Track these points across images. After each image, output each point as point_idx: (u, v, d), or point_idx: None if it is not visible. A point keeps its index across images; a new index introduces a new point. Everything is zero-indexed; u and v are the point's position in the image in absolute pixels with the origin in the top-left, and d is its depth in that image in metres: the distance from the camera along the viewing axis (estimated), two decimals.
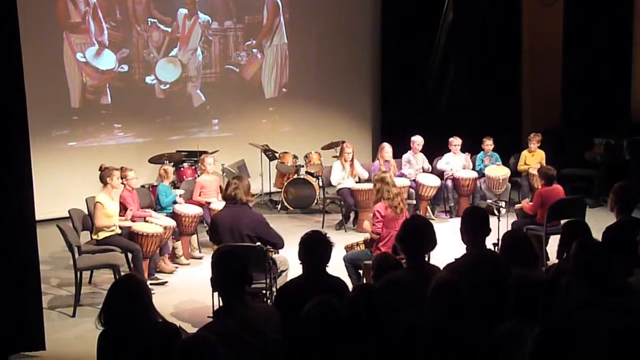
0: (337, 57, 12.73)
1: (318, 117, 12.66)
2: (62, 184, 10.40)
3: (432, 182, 10.26)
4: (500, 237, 4.99)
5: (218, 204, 8.47)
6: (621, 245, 4.65)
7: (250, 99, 12.29)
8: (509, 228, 7.30)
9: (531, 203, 8.32)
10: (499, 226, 6.83)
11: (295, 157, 11.20)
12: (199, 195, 9.07)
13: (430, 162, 10.70)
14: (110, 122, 11.40)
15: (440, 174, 10.57)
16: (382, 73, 13.17)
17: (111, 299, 3.71)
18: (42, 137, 10.23)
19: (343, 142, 10.63)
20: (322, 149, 11.23)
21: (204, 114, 12.00)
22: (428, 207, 10.44)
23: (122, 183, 7.85)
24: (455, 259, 4.55)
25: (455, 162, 10.64)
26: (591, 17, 11.59)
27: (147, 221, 7.96)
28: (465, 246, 4.65)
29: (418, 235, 4.56)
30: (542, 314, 3.44)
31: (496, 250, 5.70)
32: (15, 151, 5.77)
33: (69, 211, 7.84)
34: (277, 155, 11.20)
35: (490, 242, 5.00)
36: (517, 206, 8.77)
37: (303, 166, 11.09)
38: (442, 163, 10.71)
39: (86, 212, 8.07)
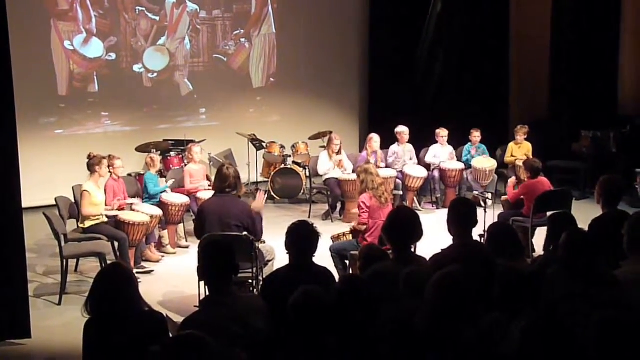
0: (325, 47, 12.70)
1: (306, 107, 12.63)
2: (49, 172, 10.35)
3: (418, 173, 10.25)
4: (487, 229, 4.99)
5: (204, 194, 8.46)
6: (607, 238, 4.66)
7: (238, 89, 12.25)
8: (496, 220, 7.30)
9: (515, 190, 8.33)
10: (485, 218, 6.86)
11: (282, 147, 11.16)
12: (190, 183, 9.04)
13: (418, 153, 10.69)
14: (98, 110, 11.36)
15: (427, 165, 10.57)
16: (370, 63, 13.12)
17: (97, 287, 3.69)
18: (29, 124, 10.21)
19: (330, 132, 10.64)
20: (310, 139, 11.20)
21: (191, 103, 11.96)
22: (415, 198, 10.45)
23: (109, 172, 7.83)
24: (442, 250, 4.56)
25: (442, 154, 10.63)
26: (579, 8, 11.55)
27: (132, 209, 7.91)
28: (451, 237, 4.64)
29: (404, 226, 4.56)
30: (528, 306, 3.43)
31: (482, 241, 5.74)
32: (1, 138, 5.74)
33: (55, 199, 7.79)
34: (264, 145, 11.16)
35: (476, 233, 5.01)
36: (504, 198, 8.81)
37: (290, 156, 11.06)
38: (429, 156, 10.71)
39: (73, 200, 8.02)
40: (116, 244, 7.44)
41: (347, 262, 6.77)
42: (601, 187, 5.45)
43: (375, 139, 10.24)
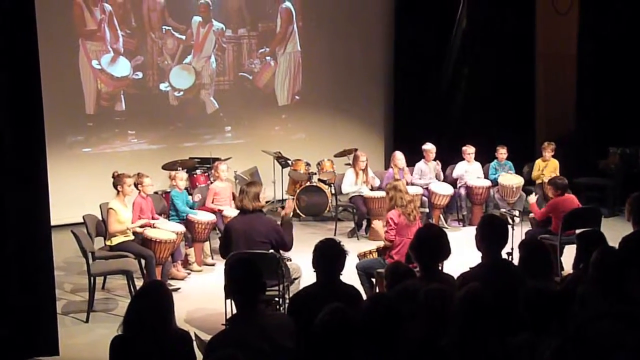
0: (350, 65, 12.69)
1: (331, 125, 12.61)
2: (76, 190, 10.38)
3: (445, 190, 10.17)
4: (515, 247, 4.92)
5: (231, 211, 8.41)
6: (638, 256, 4.59)
7: (263, 107, 12.27)
8: (523, 237, 7.16)
9: (540, 208, 8.23)
10: (513, 235, 6.76)
11: (307, 164, 11.10)
12: (212, 202, 9.00)
13: (444, 170, 10.61)
14: (125, 128, 11.39)
15: (453, 182, 10.47)
16: (395, 80, 13.08)
17: (139, 304, 3.69)
18: (58, 143, 10.23)
19: (356, 149, 10.58)
20: (335, 156, 11.13)
21: (217, 121, 11.97)
22: (441, 216, 10.35)
23: (138, 189, 7.84)
24: (470, 269, 4.50)
25: (469, 171, 10.56)
26: (606, 25, 11.45)
27: (154, 227, 7.88)
28: (479, 255, 4.58)
29: (432, 243, 4.53)
30: (558, 326, 3.37)
31: (510, 259, 5.65)
32: (31, 157, 5.76)
33: (83, 217, 7.82)
34: (289, 162, 11.11)
35: (504, 251, 4.93)
36: (531, 215, 8.68)
37: (315, 173, 10.98)
38: (456, 171, 10.62)
39: (100, 218, 8.04)
40: (143, 261, 7.41)
41: (374, 280, 6.72)
42: (632, 204, 5.38)
43: (398, 157, 10.21)
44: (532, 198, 8.65)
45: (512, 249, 5.84)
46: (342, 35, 12.61)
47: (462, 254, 5.51)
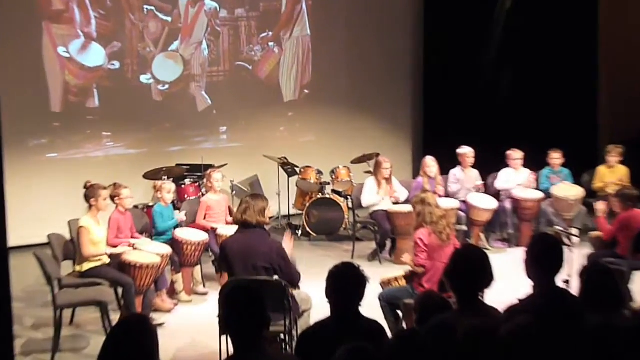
0: (370, 53, 12.65)
1: (347, 125, 12.58)
2: (40, 204, 10.41)
3: (486, 204, 10.08)
4: (574, 273, 4.85)
5: (226, 229, 8.36)
6: None
7: (265, 103, 12.26)
8: (584, 261, 7.07)
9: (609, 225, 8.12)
10: (571, 259, 6.69)
11: (319, 172, 11.12)
12: (204, 218, 8.94)
13: (484, 179, 10.51)
14: (98, 129, 11.42)
15: (497, 195, 10.39)
16: (424, 72, 13.04)
17: (114, 344, 3.66)
18: (17, 147, 10.24)
19: (377, 154, 10.59)
20: (352, 162, 11.12)
21: (209, 120, 12.00)
22: (482, 235, 10.29)
23: (114, 203, 7.81)
24: (520, 300, 4.43)
25: (516, 180, 10.44)
26: None
27: (134, 248, 7.82)
28: (530, 283, 4.53)
29: (470, 269, 4.47)
30: None
31: (568, 288, 5.58)
32: None
33: (48, 236, 7.76)
34: (297, 170, 11.13)
35: (560, 278, 4.88)
36: (593, 234, 8.55)
37: (329, 184, 11.01)
38: (500, 181, 10.51)
39: (69, 237, 7.98)
40: (120, 290, 7.33)
41: (400, 312, 6.68)
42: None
43: (429, 163, 10.19)
44: (601, 208, 8.40)
45: (569, 275, 5.76)
46: (361, 17, 12.57)
47: (508, 282, 5.48)
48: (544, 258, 4.44)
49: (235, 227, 6.64)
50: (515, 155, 10.46)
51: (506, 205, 10.33)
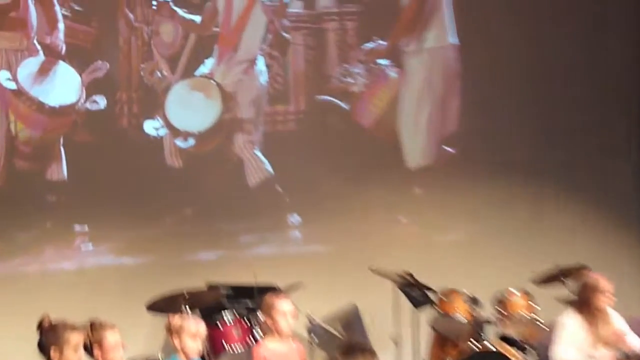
0: (560, 77, 9.90)
1: (526, 213, 9.86)
2: None
3: None
4: None
5: None
6: None
7: (371, 169, 9.31)
8: None
9: None
10: None
11: (473, 301, 8.41)
12: None
13: None
14: (66, 219, 8.80)
15: None
16: None
17: None
18: None
19: (584, 268, 8.28)
20: (536, 283, 8.50)
21: (269, 203, 9.21)
22: None
23: (92, 355, 5.96)
24: None
25: None
26: None
27: None
28: None
29: None
30: None
31: None
32: None
33: None
34: (433, 296, 8.55)
35: None
36: None
37: (491, 322, 8.41)
38: None
39: None
40: None
41: None
42: None
43: None
44: None
45: None
46: (544, 20, 9.80)
47: None
48: None
49: None
50: None
51: None
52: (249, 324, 7.98)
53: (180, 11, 8.35)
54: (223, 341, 7.88)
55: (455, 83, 9.17)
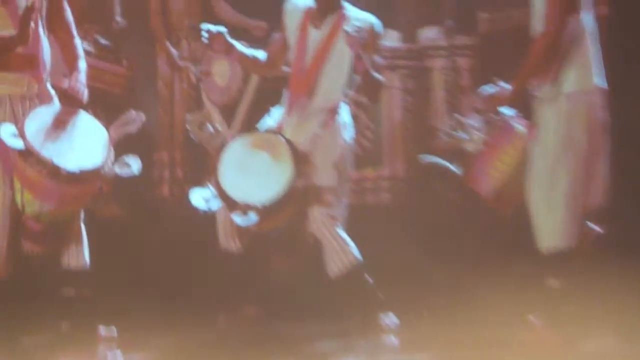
0: None
1: None
2: None
3: None
4: None
5: None
6: None
7: (491, 254, 7.84)
8: None
9: None
10: None
11: None
12: None
13: None
14: (88, 319, 6.92)
15: None
16: None
17: None
18: None
19: None
20: None
21: (356, 299, 7.13)
22: None
23: None
24: None
25: None
26: None
27: None
28: None
29: None
30: None
31: None
32: None
33: None
34: None
35: None
36: None
37: None
38: None
39: None
40: None
41: None
42: None
43: None
44: None
45: None
46: None
47: None
48: None
49: None
50: None
51: None
52: None
53: (238, 45, 6.56)
54: None
55: (603, 139, 6.88)
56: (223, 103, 7.88)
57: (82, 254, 6.29)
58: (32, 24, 5.79)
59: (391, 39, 8.25)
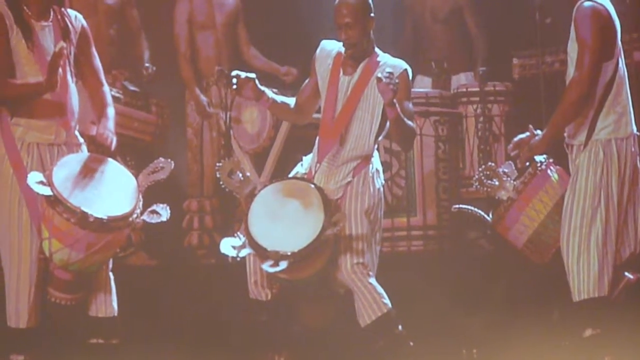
0: None
1: None
2: None
3: None
4: None
5: None
6: None
7: (526, 305, 7.50)
8: None
9: None
10: None
11: None
12: None
13: None
14: None
15: None
16: None
17: None
18: None
19: None
20: None
21: (387, 351, 6.84)
22: None
23: None
24: None
25: None
26: None
27: None
28: None
29: None
30: None
31: None
32: None
33: None
34: None
35: None
36: None
37: None
38: None
39: None
40: None
41: None
42: None
43: None
44: None
45: None
46: None
47: None
48: None
49: None
50: None
51: None
52: None
53: (269, 91, 6.42)
54: None
55: (638, 187, 6.55)
56: (253, 150, 7.86)
57: (110, 303, 6.23)
58: (61, 71, 5.64)
59: (422, 85, 8.33)
